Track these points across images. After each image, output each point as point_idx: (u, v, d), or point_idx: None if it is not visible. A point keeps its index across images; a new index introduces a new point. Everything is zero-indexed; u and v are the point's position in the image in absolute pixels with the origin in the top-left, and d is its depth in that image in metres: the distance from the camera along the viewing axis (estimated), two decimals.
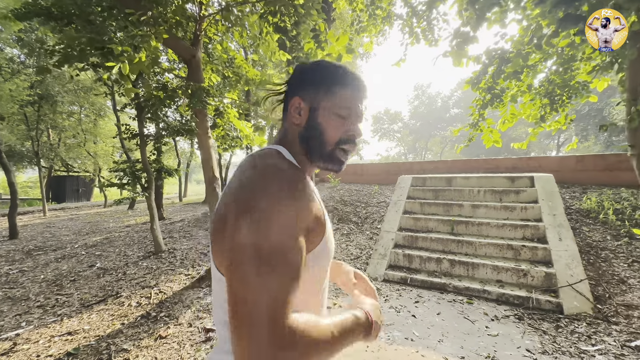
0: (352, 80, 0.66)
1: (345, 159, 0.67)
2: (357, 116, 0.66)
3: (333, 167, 0.66)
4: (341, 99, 0.64)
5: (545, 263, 3.23)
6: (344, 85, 0.65)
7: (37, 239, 6.97)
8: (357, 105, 0.66)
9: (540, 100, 3.91)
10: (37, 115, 10.35)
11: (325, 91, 0.64)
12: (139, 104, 4.79)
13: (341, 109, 0.64)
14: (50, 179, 16.41)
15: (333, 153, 0.65)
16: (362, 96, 0.67)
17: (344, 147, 0.65)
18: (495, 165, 6.59)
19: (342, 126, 0.64)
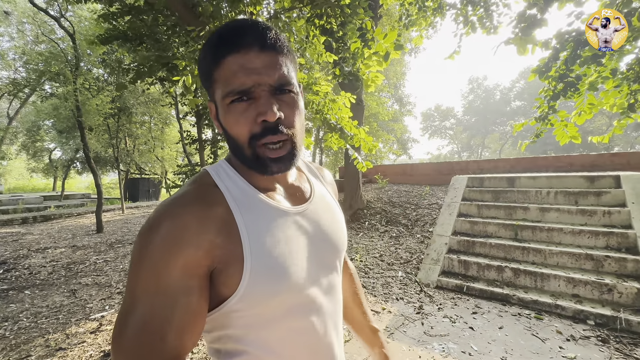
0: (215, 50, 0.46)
1: (280, 154, 0.48)
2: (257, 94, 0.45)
3: (266, 169, 0.49)
4: (223, 81, 0.46)
5: (637, 278, 2.75)
6: (214, 63, 0.46)
7: (117, 233, 8.01)
8: (245, 78, 0.44)
9: (628, 87, 3.33)
10: (117, 126, 11.90)
11: (207, 84, 0.50)
12: (198, 112, 5.22)
13: (228, 96, 0.46)
14: (127, 181, 18.76)
15: (254, 153, 0.48)
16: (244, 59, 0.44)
17: (263, 142, 0.46)
18: (568, 163, 5.80)
19: (244, 116, 0.46)
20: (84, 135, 8.34)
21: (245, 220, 0.48)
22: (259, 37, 0.45)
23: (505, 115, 37.04)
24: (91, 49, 9.30)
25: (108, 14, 4.12)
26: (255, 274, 0.45)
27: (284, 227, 0.51)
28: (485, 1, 3.68)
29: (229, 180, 0.52)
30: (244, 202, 0.49)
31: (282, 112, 0.46)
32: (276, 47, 0.46)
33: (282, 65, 0.46)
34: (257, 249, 0.46)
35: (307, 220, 0.55)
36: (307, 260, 0.52)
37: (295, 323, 0.50)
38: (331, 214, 0.61)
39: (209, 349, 0.53)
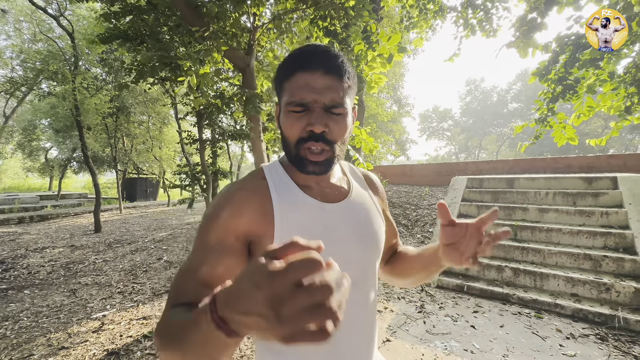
0: (289, 67, 0.57)
1: (318, 159, 0.56)
2: (312, 109, 0.55)
3: (304, 168, 0.58)
4: (290, 93, 0.56)
5: (634, 277, 2.79)
6: (286, 76, 0.57)
7: (116, 233, 7.98)
8: (306, 94, 0.54)
9: (625, 90, 3.39)
10: (115, 125, 11.85)
11: (278, 90, 0.61)
12: (199, 112, 5.22)
13: (291, 105, 0.56)
14: (125, 181, 18.67)
15: (298, 153, 0.57)
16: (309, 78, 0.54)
17: (307, 146, 0.56)
18: (566, 165, 5.87)
19: (298, 122, 0.56)
20: (82, 134, 8.30)
21: (281, 206, 0.58)
22: (326, 62, 0.54)
23: (502, 117, 37.30)
24: (90, 48, 9.27)
25: (109, 14, 4.11)
26: None
27: (313, 218, 0.59)
28: (485, 4, 3.73)
29: (276, 175, 0.63)
30: (283, 193, 0.60)
31: (329, 127, 0.55)
32: (338, 72, 0.55)
33: (339, 89, 0.55)
34: (285, 231, 0.56)
35: (337, 217, 0.62)
36: (331, 252, 0.55)
37: None
38: (366, 216, 0.66)
39: None
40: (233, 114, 4.63)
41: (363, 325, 0.63)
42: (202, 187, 5.62)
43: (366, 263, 0.64)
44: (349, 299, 0.54)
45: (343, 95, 0.56)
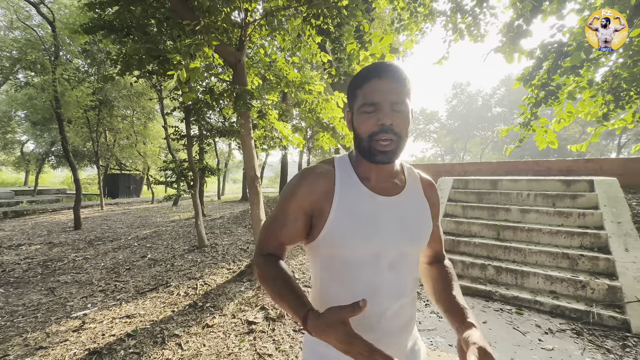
0: (364, 77, 0.70)
1: (386, 149, 0.68)
2: (382, 107, 0.67)
3: (374, 158, 0.69)
4: (363, 97, 0.69)
5: (607, 275, 2.94)
6: (360, 85, 0.70)
7: (97, 230, 7.73)
8: (377, 96, 0.67)
9: (602, 97, 3.56)
10: (97, 119, 11.47)
11: (352, 97, 0.73)
12: (187, 107, 5.12)
13: (364, 106, 0.68)
14: (106, 177, 18.08)
15: (370, 145, 0.69)
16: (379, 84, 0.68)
17: (377, 138, 0.67)
18: (546, 168, 6.10)
19: (369, 120, 0.68)
20: (62, 127, 7.99)
21: (340, 192, 0.72)
22: (394, 74, 0.68)
23: (486, 120, 38.30)
24: (72, 39, 8.91)
25: (94, 3, 3.96)
26: (332, 228, 0.70)
27: (364, 205, 0.72)
28: (474, 10, 3.83)
29: (343, 165, 0.77)
30: (345, 181, 0.74)
31: (394, 121, 0.67)
32: (402, 81, 0.68)
33: (402, 93, 0.68)
34: (339, 212, 0.71)
35: (386, 208, 0.74)
36: (375, 236, 0.70)
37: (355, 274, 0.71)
38: (413, 213, 0.77)
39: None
40: (222, 110, 4.56)
41: (403, 308, 0.74)
42: (189, 184, 5.52)
43: (406, 252, 0.74)
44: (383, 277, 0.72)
45: (405, 96, 0.68)
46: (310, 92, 3.66)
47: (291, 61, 4.08)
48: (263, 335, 2.54)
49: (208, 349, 2.36)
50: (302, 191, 0.73)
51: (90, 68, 12.17)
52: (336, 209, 0.71)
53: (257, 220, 3.77)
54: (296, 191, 0.74)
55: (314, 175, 0.75)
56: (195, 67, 2.33)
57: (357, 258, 0.71)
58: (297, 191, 0.74)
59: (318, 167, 0.77)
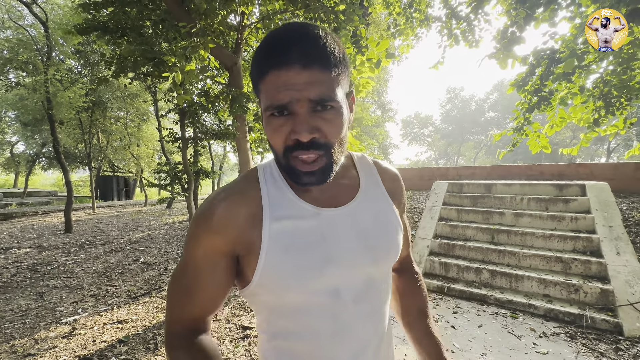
0: (262, 62, 0.46)
1: (312, 168, 0.48)
2: (295, 110, 0.45)
3: (298, 180, 0.50)
4: (266, 94, 0.47)
5: (600, 279, 2.97)
6: (260, 71, 0.47)
7: (88, 233, 7.60)
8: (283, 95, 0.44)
9: (593, 103, 3.63)
10: (90, 120, 11.32)
11: (255, 84, 0.50)
12: (182, 109, 5.09)
13: (269, 108, 0.46)
14: (98, 179, 17.83)
15: (288, 165, 0.49)
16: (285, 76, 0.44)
17: (295, 155, 0.47)
18: (539, 172, 6.18)
19: (281, 129, 0.47)
20: (54, 129, 7.86)
21: (271, 217, 0.52)
22: (304, 53, 0.43)
23: (479, 125, 38.80)
24: (66, 39, 8.82)
25: (88, 4, 3.94)
26: (267, 268, 0.50)
27: (307, 227, 0.52)
28: (469, 16, 3.88)
29: (271, 178, 0.56)
30: (277, 200, 0.54)
31: (320, 129, 0.46)
32: (322, 61, 0.44)
33: (325, 81, 0.45)
34: (273, 244, 0.50)
35: (338, 224, 0.54)
36: (329, 267, 0.51)
37: (312, 321, 0.52)
38: (377, 221, 0.58)
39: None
40: (218, 112, 4.54)
41: (381, 348, 0.58)
42: (184, 186, 5.47)
43: (373, 277, 0.56)
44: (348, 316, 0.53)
45: (332, 86, 0.45)
46: None
47: None
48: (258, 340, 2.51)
49: None
50: (218, 226, 0.51)
51: (84, 69, 12.04)
52: (268, 241, 0.50)
53: None
54: (209, 227, 0.51)
55: (230, 200, 0.53)
56: (191, 69, 2.32)
57: (310, 300, 0.51)
58: (210, 227, 0.51)
59: (233, 187, 0.55)
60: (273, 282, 0.50)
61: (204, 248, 0.52)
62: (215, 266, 0.52)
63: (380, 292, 0.58)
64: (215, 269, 0.53)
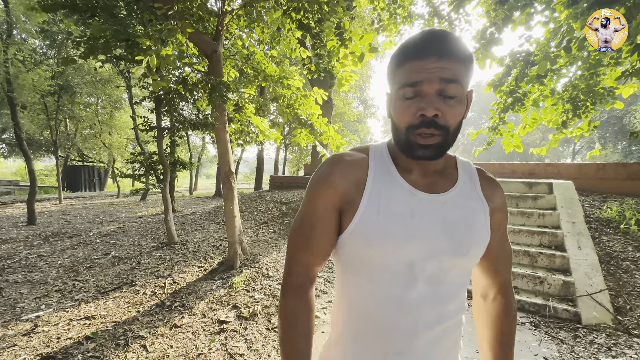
0: (407, 51, 0.55)
1: (429, 142, 0.55)
2: (425, 91, 0.53)
3: (413, 153, 0.57)
4: (402, 76, 0.55)
5: (563, 271, 3.17)
6: (399, 63, 0.56)
7: (54, 226, 7.17)
8: (419, 75, 0.53)
9: (562, 106, 3.81)
10: (57, 106, 10.62)
11: (391, 76, 0.60)
12: (158, 97, 4.86)
13: (402, 88, 0.55)
14: (66, 168, 16.83)
15: (408, 139, 0.56)
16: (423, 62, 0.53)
17: (418, 132, 0.54)
18: (511, 170, 6.47)
19: (409, 108, 0.55)
20: (15, 113, 7.30)
21: (373, 184, 0.61)
22: (438, 48, 0.52)
23: None
24: (29, 16, 8.15)
25: None
26: (361, 223, 0.59)
27: (401, 201, 0.59)
28: (450, 15, 3.95)
29: (379, 155, 0.65)
30: (380, 171, 0.63)
31: (442, 111, 0.53)
32: (452, 55, 0.52)
33: (452, 70, 0.52)
34: (371, 205, 0.59)
35: (428, 207, 0.60)
36: (410, 241, 0.57)
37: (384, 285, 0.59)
38: (463, 217, 0.61)
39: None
40: (196, 101, 4.38)
41: (445, 334, 0.61)
42: (159, 177, 5.25)
43: (449, 266, 0.59)
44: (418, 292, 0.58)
45: (457, 77, 0.53)
46: (289, 87, 3.61)
47: (270, 55, 3.99)
48: (235, 334, 2.47)
49: (175, 350, 2.26)
50: (334, 181, 0.61)
51: (50, 50, 11.23)
52: (367, 202, 0.59)
53: (231, 217, 3.67)
54: (327, 182, 0.62)
55: (344, 163, 0.63)
56: (167, 54, 2.20)
57: (386, 265, 0.58)
58: (328, 182, 0.62)
59: (349, 154, 0.65)
60: (362, 235, 0.58)
61: (323, 201, 0.62)
62: (330, 217, 0.62)
63: (452, 283, 0.61)
64: (329, 219, 0.62)
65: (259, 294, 3.20)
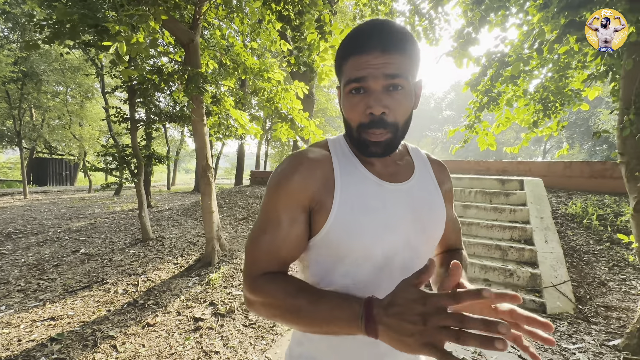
0: (349, 45, 0.55)
1: (379, 139, 0.55)
2: (371, 87, 0.53)
3: (365, 150, 0.58)
4: (347, 73, 0.55)
5: (531, 264, 3.33)
6: (344, 57, 0.56)
7: (17, 222, 6.74)
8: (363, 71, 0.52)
9: (534, 106, 3.97)
10: (20, 94, 9.93)
11: (338, 70, 0.60)
12: (131, 87, 4.64)
13: (349, 84, 0.55)
14: (32, 161, 15.84)
15: (359, 138, 0.57)
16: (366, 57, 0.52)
17: (369, 131, 0.55)
18: (486, 168, 6.71)
19: (357, 106, 0.55)
20: None
21: (342, 181, 0.59)
22: (380, 41, 0.52)
23: (437, 122, 41.04)
24: None
25: None
26: (336, 223, 0.57)
27: (372, 193, 0.59)
28: (430, 14, 4.00)
29: (340, 150, 0.64)
30: (345, 165, 0.61)
31: (390, 107, 0.53)
32: (395, 49, 0.52)
33: (396, 64, 0.52)
34: (344, 202, 0.57)
35: (396, 197, 0.61)
36: (386, 232, 0.58)
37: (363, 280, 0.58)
38: (426, 202, 0.64)
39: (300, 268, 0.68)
40: (173, 93, 4.22)
41: None
42: (133, 171, 5.04)
43: (421, 248, 0.63)
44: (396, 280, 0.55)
45: (404, 70, 0.53)
46: (269, 80, 3.54)
47: (250, 46, 3.89)
48: (210, 332, 2.42)
49: (148, 350, 2.19)
50: (298, 181, 0.57)
51: (12, 33, 10.45)
52: (339, 199, 0.57)
53: (208, 212, 3.58)
54: (290, 182, 0.57)
55: (309, 161, 0.60)
56: (138, 41, 2.09)
57: (367, 260, 0.58)
58: (291, 182, 0.57)
59: (310, 151, 0.62)
60: (339, 233, 0.56)
61: (292, 203, 0.57)
62: (300, 220, 0.58)
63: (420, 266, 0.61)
64: (300, 223, 0.58)
65: (237, 290, 3.15)
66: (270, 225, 0.58)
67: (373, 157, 0.59)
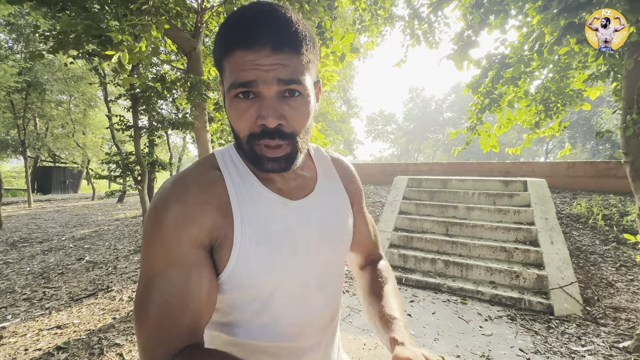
0: (231, 35, 0.43)
1: (277, 154, 0.46)
2: (262, 94, 0.43)
3: (261, 166, 0.47)
4: (231, 71, 0.44)
5: (537, 265, 3.30)
6: (225, 48, 0.44)
7: (22, 230, 6.77)
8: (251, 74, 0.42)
9: (535, 107, 3.97)
10: (25, 103, 10.04)
11: (218, 62, 0.47)
12: (134, 95, 4.69)
13: (234, 89, 0.43)
14: (36, 170, 15.97)
15: (252, 151, 0.47)
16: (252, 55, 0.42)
17: (260, 143, 0.45)
18: (489, 169, 6.69)
19: (246, 113, 0.44)
20: None
21: (241, 206, 0.49)
22: (271, 36, 0.41)
23: (438, 124, 41.03)
24: None
25: None
26: (241, 260, 0.48)
27: (276, 217, 0.52)
28: (429, 17, 4.03)
29: (232, 166, 0.53)
30: (242, 189, 0.51)
31: (287, 116, 0.44)
32: (289, 46, 0.42)
33: (291, 66, 0.43)
34: (247, 233, 0.48)
35: (302, 216, 0.54)
36: (297, 257, 0.52)
37: (280, 313, 0.52)
38: (333, 213, 0.59)
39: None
40: (175, 100, 4.25)
41: (326, 327, 0.59)
42: (136, 178, 5.07)
43: (331, 265, 0.58)
44: (313, 302, 0.55)
45: (301, 71, 0.44)
46: None
47: None
48: None
49: None
50: (193, 213, 0.45)
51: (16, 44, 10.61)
52: (241, 231, 0.48)
53: None
54: (176, 218, 0.44)
55: (197, 185, 0.48)
56: (141, 50, 2.12)
57: (281, 292, 0.51)
58: (177, 217, 0.44)
59: (195, 172, 0.50)
60: (246, 273, 0.48)
61: (185, 242, 0.44)
62: (200, 260, 0.46)
63: (336, 277, 0.61)
64: (201, 264, 0.45)
65: None
66: (170, 278, 0.43)
67: (272, 173, 0.48)
